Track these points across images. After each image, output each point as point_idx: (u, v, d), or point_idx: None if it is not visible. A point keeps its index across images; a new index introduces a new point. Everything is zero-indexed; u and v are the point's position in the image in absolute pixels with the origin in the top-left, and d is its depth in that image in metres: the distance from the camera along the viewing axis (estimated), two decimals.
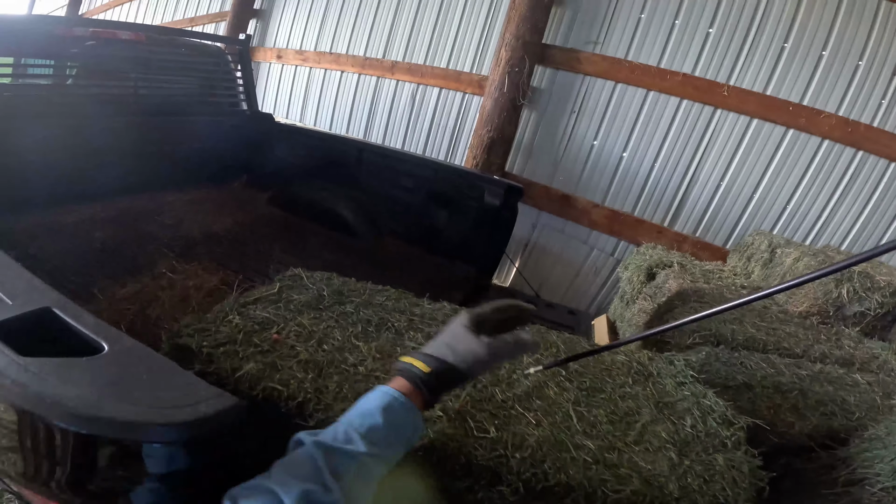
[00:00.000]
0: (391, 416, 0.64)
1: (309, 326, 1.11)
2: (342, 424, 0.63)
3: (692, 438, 0.98)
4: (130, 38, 2.57)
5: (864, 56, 2.98)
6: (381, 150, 3.07)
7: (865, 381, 1.55)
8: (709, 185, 3.34)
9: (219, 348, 0.95)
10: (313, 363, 0.98)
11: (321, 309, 1.22)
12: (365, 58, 4.41)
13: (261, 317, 1.10)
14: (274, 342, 1.02)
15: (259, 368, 0.92)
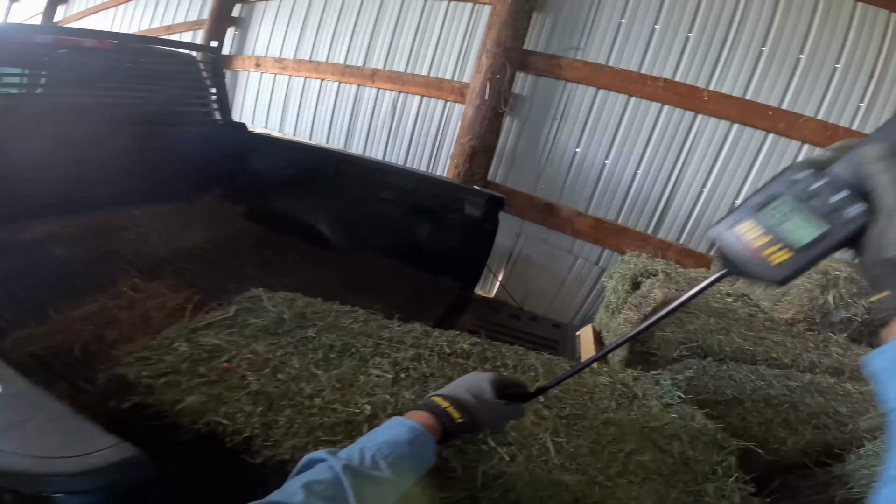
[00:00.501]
0: (416, 450, 0.68)
1: (264, 354, 1.03)
2: (368, 449, 0.64)
3: (680, 467, 0.91)
4: (95, 45, 2.48)
5: (842, 59, 2.99)
6: (359, 161, 2.99)
7: (857, 390, 1.51)
8: (692, 192, 3.32)
9: (160, 379, 0.89)
10: (264, 395, 0.91)
11: (280, 334, 1.14)
12: (345, 66, 4.34)
13: (211, 344, 1.02)
14: (223, 372, 0.95)
15: (203, 401, 0.85)
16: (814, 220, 0.53)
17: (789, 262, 0.54)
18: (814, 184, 0.53)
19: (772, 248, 0.55)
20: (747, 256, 0.55)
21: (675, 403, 1.09)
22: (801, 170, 0.54)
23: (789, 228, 0.54)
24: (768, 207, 0.55)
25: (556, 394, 1.06)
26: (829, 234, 0.52)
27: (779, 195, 0.54)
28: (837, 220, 0.51)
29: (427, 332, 1.26)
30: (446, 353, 1.18)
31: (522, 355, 1.22)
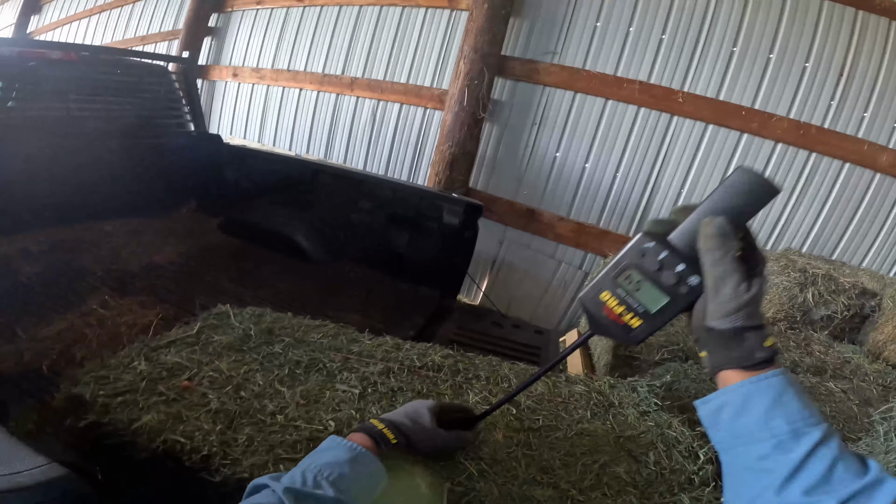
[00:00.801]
0: (358, 468, 0.68)
1: (227, 371, 1.01)
2: (310, 471, 0.65)
3: (655, 477, 0.89)
4: (64, 57, 2.42)
5: (811, 58, 3.04)
6: (336, 172, 2.96)
7: (840, 388, 1.49)
8: (670, 193, 3.34)
9: (116, 398, 0.88)
10: (224, 413, 0.90)
11: (245, 351, 1.12)
12: (323, 74, 4.31)
13: (172, 362, 1.01)
14: (183, 390, 0.93)
15: (161, 420, 0.85)
16: (658, 292, 0.62)
17: (643, 326, 0.64)
18: (659, 255, 0.61)
19: (628, 315, 0.64)
20: (610, 321, 0.65)
21: (653, 411, 1.06)
22: (648, 241, 0.62)
23: (640, 299, 0.63)
24: (622, 278, 0.64)
25: (529, 405, 1.03)
26: (671, 304, 0.62)
27: (631, 267, 0.63)
28: (677, 292, 0.61)
29: (398, 344, 1.23)
30: (416, 366, 1.14)
31: (496, 366, 1.19)
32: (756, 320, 0.54)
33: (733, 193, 0.59)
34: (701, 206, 0.61)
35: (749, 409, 0.52)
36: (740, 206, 0.58)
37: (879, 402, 1.23)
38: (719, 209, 0.59)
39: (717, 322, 0.54)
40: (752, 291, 0.54)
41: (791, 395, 0.52)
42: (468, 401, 1.06)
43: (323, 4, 4.28)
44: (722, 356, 0.55)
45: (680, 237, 0.62)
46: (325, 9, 4.30)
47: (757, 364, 0.53)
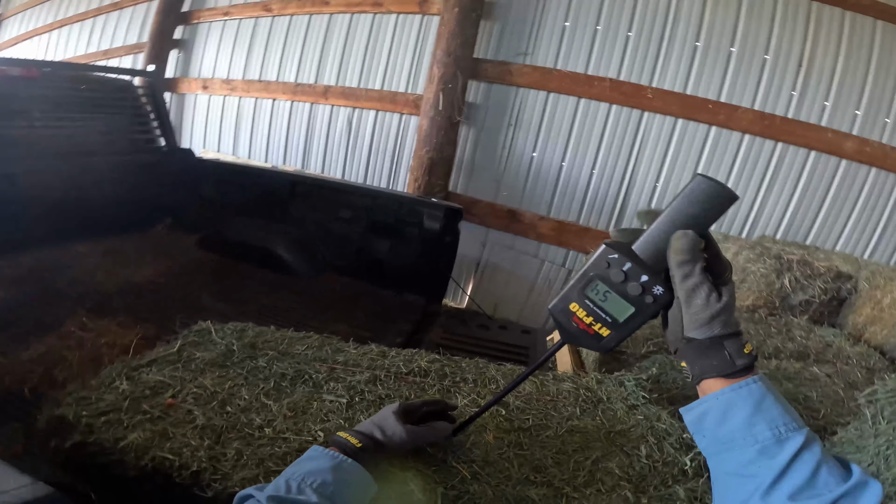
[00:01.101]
0: (341, 475, 0.68)
1: (211, 387, 1.00)
2: (294, 479, 0.66)
3: (648, 471, 0.89)
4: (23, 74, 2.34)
5: (770, 50, 3.14)
6: (314, 182, 2.93)
7: (824, 373, 1.52)
8: (646, 188, 3.40)
9: (100, 417, 0.88)
10: (211, 428, 0.89)
11: (228, 366, 1.11)
12: (296, 84, 4.27)
13: (154, 381, 1.00)
14: (168, 407, 0.93)
15: (147, 437, 0.85)
16: (624, 302, 0.64)
17: (612, 335, 0.66)
18: (623, 266, 0.64)
19: (597, 325, 0.67)
20: (580, 330, 0.68)
21: (641, 404, 1.07)
22: (612, 252, 0.64)
23: (607, 309, 0.66)
24: (589, 289, 0.66)
25: (518, 405, 1.03)
26: (637, 314, 0.64)
27: (597, 278, 0.65)
28: (642, 302, 0.63)
29: (383, 352, 1.22)
30: (403, 372, 1.13)
31: (483, 368, 1.19)
32: (732, 328, 0.56)
33: (693, 202, 0.60)
34: (662, 215, 0.62)
35: (731, 416, 0.54)
36: (700, 214, 0.60)
37: (865, 385, 1.26)
38: (681, 218, 0.61)
39: (696, 332, 0.56)
40: (723, 300, 0.56)
41: (771, 400, 0.53)
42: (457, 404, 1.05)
43: (293, 14, 4.24)
44: (702, 365, 0.56)
45: (643, 248, 0.64)
46: (294, 18, 4.26)
47: (738, 371, 0.55)
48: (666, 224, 0.62)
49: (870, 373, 1.62)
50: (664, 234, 0.62)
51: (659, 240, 0.63)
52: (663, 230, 0.62)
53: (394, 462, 0.81)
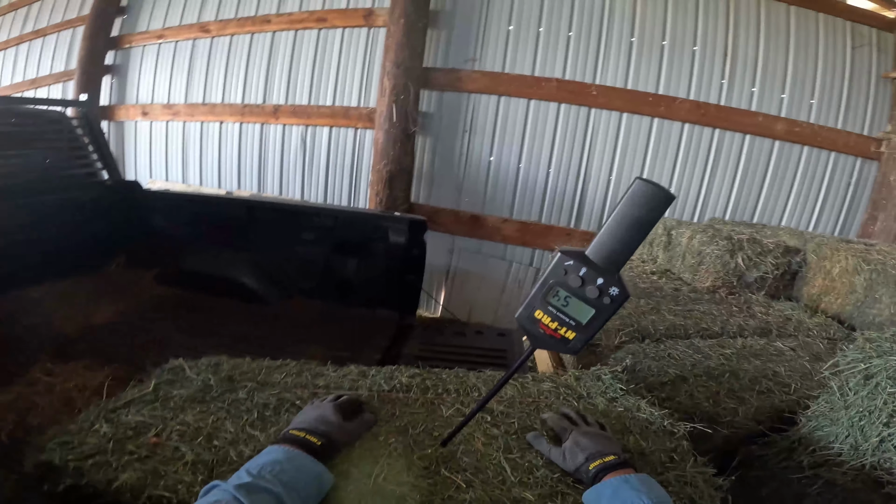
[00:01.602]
0: (298, 465, 0.75)
1: (194, 423, 0.99)
2: (253, 468, 0.71)
3: (637, 460, 0.92)
4: None
5: (697, 41, 3.34)
6: (272, 206, 2.86)
7: (788, 347, 1.60)
8: (601, 182, 3.53)
9: (87, 460, 0.87)
10: (202, 463, 0.88)
11: (208, 401, 1.08)
12: (244, 105, 4.17)
13: (134, 421, 0.98)
14: (153, 446, 0.92)
15: (139, 477, 0.84)
16: (584, 305, 0.71)
17: (577, 338, 0.73)
18: (579, 272, 0.69)
19: (562, 329, 0.72)
20: (547, 336, 0.73)
21: (620, 396, 1.10)
22: (567, 259, 0.70)
23: (569, 313, 0.71)
24: (551, 296, 0.71)
25: (501, 410, 1.04)
26: (597, 315, 0.71)
27: (557, 285, 0.71)
28: (601, 303, 0.70)
29: (363, 372, 1.21)
30: (385, 390, 1.13)
31: (463, 377, 1.19)
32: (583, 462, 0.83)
33: (635, 204, 0.66)
34: (610, 219, 0.68)
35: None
36: (643, 215, 0.66)
37: (828, 356, 1.33)
38: (626, 220, 0.67)
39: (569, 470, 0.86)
40: (566, 458, 0.85)
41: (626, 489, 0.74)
42: (442, 415, 1.06)
43: (233, 33, 4.14)
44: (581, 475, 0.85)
45: (595, 252, 0.69)
46: (235, 38, 4.16)
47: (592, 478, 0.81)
48: (614, 227, 0.67)
49: (831, 343, 1.72)
50: (613, 236, 0.68)
51: (610, 242, 0.68)
52: (612, 233, 0.68)
53: (338, 457, 0.87)
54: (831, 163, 3.39)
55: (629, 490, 0.72)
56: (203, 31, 4.27)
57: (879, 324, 1.80)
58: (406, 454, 0.89)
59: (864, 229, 3.38)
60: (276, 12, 3.98)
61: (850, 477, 0.90)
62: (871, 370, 0.92)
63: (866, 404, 0.91)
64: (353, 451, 0.90)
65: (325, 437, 0.84)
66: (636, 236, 0.68)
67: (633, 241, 0.68)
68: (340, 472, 0.83)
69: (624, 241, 0.68)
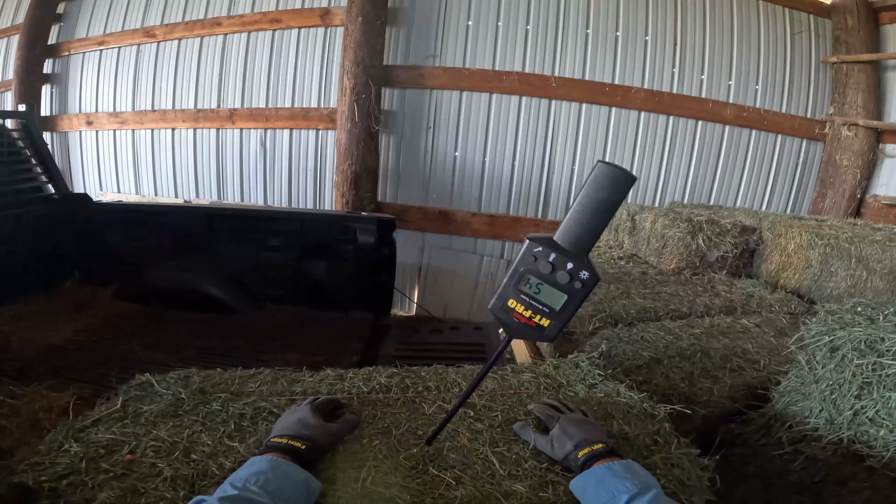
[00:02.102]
0: (283, 474, 0.74)
1: (169, 438, 0.95)
2: (237, 481, 0.70)
3: (622, 445, 0.94)
4: None
5: (649, 31, 3.45)
6: (234, 213, 2.77)
7: (753, 323, 1.67)
8: (564, 172, 3.59)
9: (62, 481, 0.84)
10: (181, 478, 0.85)
11: (181, 415, 1.04)
12: (197, 110, 4.01)
13: (105, 439, 0.94)
14: (128, 463, 0.89)
15: (118, 496, 0.81)
16: (556, 291, 0.70)
17: (552, 324, 0.72)
18: (548, 258, 0.69)
19: (536, 317, 0.71)
20: (522, 325, 0.72)
21: (599, 382, 1.12)
22: (536, 245, 0.70)
23: (542, 300, 0.71)
24: (522, 284, 0.71)
25: (483, 405, 1.04)
26: (570, 300, 0.70)
27: (527, 273, 0.70)
28: (572, 288, 0.70)
29: (341, 375, 1.19)
30: (364, 392, 1.11)
31: (442, 373, 1.19)
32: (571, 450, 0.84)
33: (599, 188, 0.66)
34: (575, 203, 0.68)
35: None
36: (607, 198, 0.66)
37: (792, 330, 1.39)
38: (591, 204, 0.67)
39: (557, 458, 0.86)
40: (554, 446, 0.86)
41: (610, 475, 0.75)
42: (425, 413, 1.05)
43: (181, 37, 3.97)
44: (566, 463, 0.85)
45: (564, 237, 0.69)
46: (184, 42, 4.00)
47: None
48: (579, 211, 0.68)
49: (793, 318, 1.79)
50: (579, 221, 0.68)
51: (577, 227, 0.68)
52: (578, 217, 0.68)
53: (323, 459, 0.86)
54: (778, 145, 3.57)
55: (613, 478, 0.74)
56: (148, 35, 4.08)
57: (837, 296, 1.90)
58: (392, 455, 0.88)
59: (815, 206, 3.58)
60: (227, 14, 3.84)
61: (830, 451, 0.92)
62: (836, 342, 0.95)
63: (835, 377, 0.93)
64: (338, 455, 0.88)
65: (309, 441, 0.83)
66: (602, 219, 0.68)
67: (599, 224, 0.68)
68: (327, 478, 0.81)
69: (590, 224, 0.68)
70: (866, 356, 0.91)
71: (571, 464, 0.83)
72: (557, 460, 0.86)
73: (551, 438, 0.88)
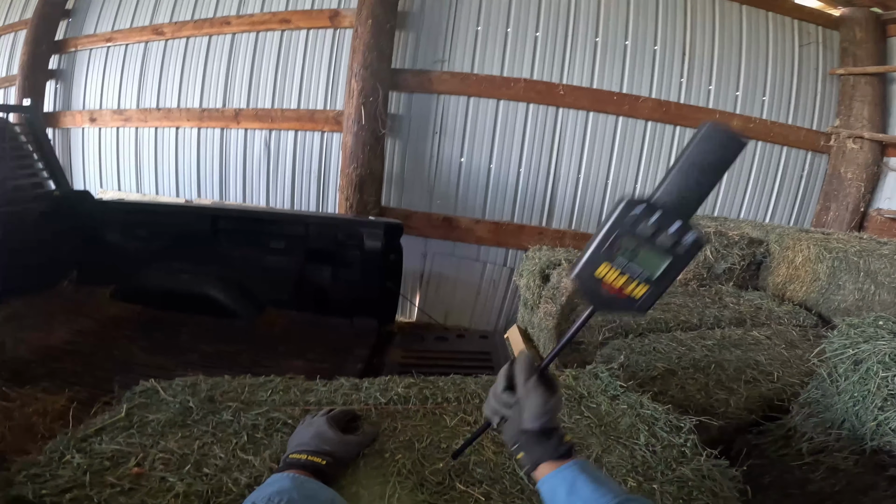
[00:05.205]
0: (307, 492, 0.71)
1: (179, 450, 0.91)
2: (259, 499, 0.67)
3: (650, 458, 0.91)
4: None
5: (658, 41, 3.45)
6: (239, 214, 2.74)
7: (764, 336, 1.66)
8: (570, 180, 3.58)
9: (64, 495, 0.79)
10: (195, 495, 0.81)
11: (190, 425, 1.00)
12: (202, 109, 3.98)
13: (110, 450, 0.90)
14: (136, 477, 0.84)
15: None
16: (658, 255, 0.61)
17: (648, 293, 0.63)
18: (650, 218, 0.61)
19: (631, 285, 0.63)
20: (612, 296, 0.63)
21: (621, 394, 1.11)
22: (635, 206, 0.61)
23: (640, 265, 0.62)
24: (616, 248, 0.62)
25: None
26: (674, 264, 0.61)
27: (623, 236, 0.62)
28: (677, 251, 0.60)
29: (356, 385, 1.16)
30: (382, 403, 1.08)
31: (460, 384, 1.17)
32: (556, 423, 0.71)
33: (704, 150, 0.60)
34: (677, 164, 0.61)
35: (555, 498, 0.66)
36: (713, 161, 0.60)
37: (802, 342, 1.39)
38: (695, 166, 0.60)
39: (531, 424, 0.68)
40: (551, 402, 0.69)
41: (583, 480, 0.65)
42: (447, 425, 1.02)
43: (189, 35, 3.95)
44: (536, 452, 0.69)
45: (666, 196, 0.61)
46: (192, 40, 3.97)
47: (561, 455, 0.68)
48: (684, 170, 0.60)
49: (803, 330, 1.79)
50: (684, 181, 0.60)
51: (679, 188, 0.61)
52: (683, 178, 0.60)
53: (345, 474, 0.84)
54: (784, 157, 3.57)
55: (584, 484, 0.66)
56: (156, 33, 4.05)
57: (845, 309, 1.89)
58: (416, 470, 0.86)
59: (818, 219, 3.58)
60: (237, 14, 3.82)
61: (852, 462, 0.92)
62: (860, 355, 0.95)
63: (858, 389, 0.93)
64: (360, 471, 0.85)
65: (329, 456, 0.81)
66: (708, 180, 0.60)
67: (705, 187, 0.61)
68: (350, 495, 0.78)
69: (695, 186, 0.60)
70: (891, 369, 0.91)
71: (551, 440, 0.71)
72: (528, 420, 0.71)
73: (535, 386, 0.71)
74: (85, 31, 4.31)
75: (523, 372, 0.71)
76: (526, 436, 0.70)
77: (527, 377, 0.70)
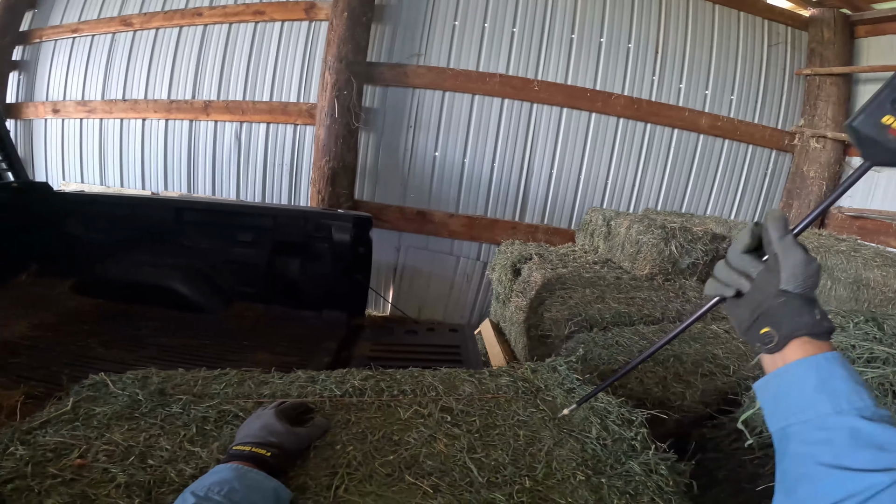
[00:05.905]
0: (249, 483, 0.70)
1: (124, 442, 0.90)
2: (199, 490, 0.66)
3: (601, 451, 0.93)
4: None
5: (632, 39, 3.50)
6: (204, 206, 2.67)
7: (723, 329, 1.71)
8: (543, 175, 3.61)
9: (6, 485, 0.80)
10: (137, 485, 0.80)
11: (137, 417, 0.99)
12: (170, 101, 3.88)
13: (54, 442, 0.89)
14: (78, 468, 0.84)
15: (66, 502, 0.77)
16: None
17: None
18: None
19: None
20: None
21: (577, 387, 1.12)
22: None
23: None
24: None
25: (461, 409, 1.03)
26: None
27: None
28: None
29: (312, 377, 1.15)
30: (337, 395, 1.08)
31: (418, 376, 1.16)
32: (815, 294, 0.57)
33: None
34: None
35: (793, 391, 0.54)
36: None
37: None
38: None
39: (794, 286, 0.55)
40: (814, 264, 0.56)
41: (841, 376, 0.52)
42: (401, 418, 1.02)
43: (158, 27, 3.83)
44: (794, 323, 0.54)
45: None
46: (161, 32, 3.86)
47: (824, 333, 0.54)
48: None
49: None
50: None
51: None
52: None
53: (293, 466, 0.83)
54: (749, 155, 3.67)
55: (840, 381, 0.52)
56: (125, 24, 3.93)
57: None
58: (367, 462, 0.85)
59: None
60: (209, 5, 3.73)
61: None
62: None
63: None
64: (309, 462, 0.85)
65: (275, 448, 0.80)
66: None
67: None
68: (297, 486, 0.78)
69: None
70: None
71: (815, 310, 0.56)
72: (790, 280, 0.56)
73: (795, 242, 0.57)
74: (51, 22, 4.17)
75: (778, 228, 0.57)
76: (781, 301, 0.55)
77: (783, 234, 0.57)
